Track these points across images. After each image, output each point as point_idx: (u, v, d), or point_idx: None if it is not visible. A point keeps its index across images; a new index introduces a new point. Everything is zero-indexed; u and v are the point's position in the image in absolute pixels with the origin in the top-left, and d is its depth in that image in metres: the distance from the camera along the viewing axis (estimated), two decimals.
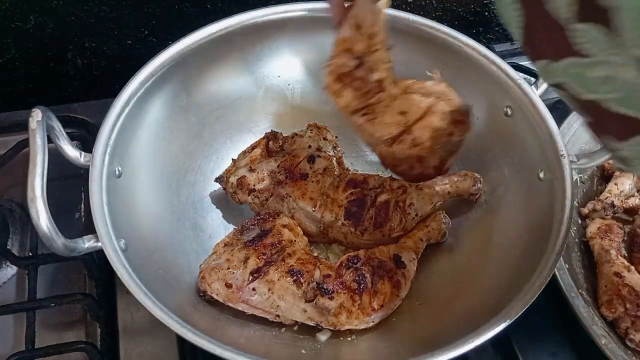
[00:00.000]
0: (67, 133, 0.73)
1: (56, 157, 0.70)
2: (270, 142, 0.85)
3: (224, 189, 0.84)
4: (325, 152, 0.84)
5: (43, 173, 0.63)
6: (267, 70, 0.93)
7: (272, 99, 0.95)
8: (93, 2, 0.97)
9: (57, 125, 0.71)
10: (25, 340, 0.76)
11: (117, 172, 0.75)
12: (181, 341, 0.77)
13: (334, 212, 0.79)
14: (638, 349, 0.76)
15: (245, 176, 0.82)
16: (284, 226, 0.77)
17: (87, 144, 0.93)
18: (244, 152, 0.85)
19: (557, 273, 0.76)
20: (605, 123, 0.47)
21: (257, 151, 0.85)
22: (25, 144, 0.87)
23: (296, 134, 0.86)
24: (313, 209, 0.79)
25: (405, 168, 0.78)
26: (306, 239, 0.80)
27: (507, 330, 0.64)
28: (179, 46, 0.83)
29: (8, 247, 0.86)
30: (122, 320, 0.79)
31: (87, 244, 0.67)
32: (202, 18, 0.88)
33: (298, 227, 0.79)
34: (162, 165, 0.84)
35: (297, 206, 0.80)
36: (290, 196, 0.80)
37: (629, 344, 0.77)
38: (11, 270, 0.86)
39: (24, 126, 0.69)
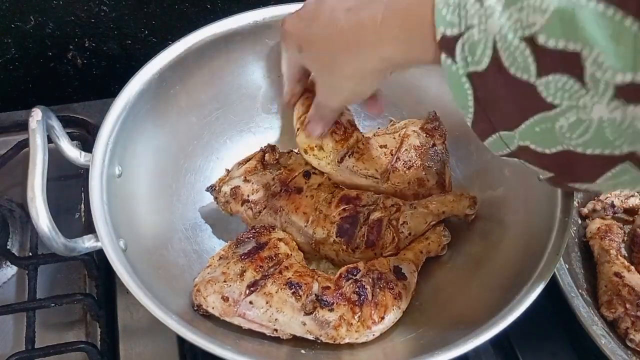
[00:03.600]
0: (67, 133, 0.73)
1: (56, 157, 0.70)
2: (267, 155, 0.83)
3: (215, 198, 0.82)
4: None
5: (43, 173, 0.63)
6: (268, 70, 0.93)
7: (273, 98, 0.94)
8: (93, 2, 0.97)
9: (57, 125, 0.70)
10: (25, 340, 0.76)
11: (117, 172, 0.75)
12: (181, 341, 0.77)
13: (326, 229, 0.78)
14: (638, 349, 0.76)
15: (239, 186, 0.81)
16: (280, 240, 0.76)
17: (87, 144, 0.94)
18: (239, 163, 0.84)
19: (557, 273, 0.76)
20: (573, 170, 0.50)
21: (253, 163, 0.83)
22: (25, 144, 0.87)
23: (292, 151, 0.86)
24: (305, 224, 0.78)
25: (412, 197, 0.83)
26: (302, 253, 0.79)
27: (507, 330, 0.64)
28: (179, 46, 0.83)
29: (8, 247, 0.87)
30: (122, 320, 0.79)
31: (87, 244, 0.67)
32: (202, 18, 0.88)
33: (293, 242, 0.78)
34: (162, 165, 0.84)
35: (289, 220, 0.79)
36: (284, 209, 0.79)
37: (629, 344, 0.77)
38: (11, 270, 0.86)
39: (24, 126, 0.69)
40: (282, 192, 0.80)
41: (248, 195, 0.80)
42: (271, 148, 0.85)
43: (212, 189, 0.83)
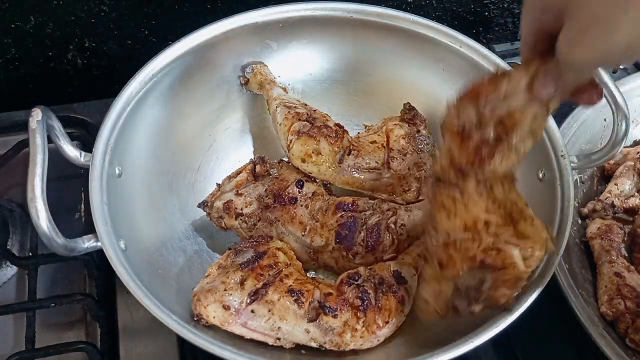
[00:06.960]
0: (67, 133, 0.73)
1: (56, 157, 0.70)
2: (257, 166, 0.83)
3: (208, 214, 0.82)
4: (313, 177, 0.83)
5: (43, 173, 0.63)
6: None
7: None
8: (93, 2, 0.97)
9: (57, 125, 0.71)
10: (25, 340, 0.76)
11: (117, 172, 0.75)
12: (181, 341, 0.77)
13: (324, 237, 0.78)
14: (638, 349, 0.76)
15: (232, 200, 0.80)
16: (278, 249, 0.76)
17: (87, 144, 0.93)
18: (229, 177, 0.84)
19: (557, 273, 0.75)
20: None
21: (243, 175, 0.83)
22: (25, 144, 0.87)
23: (283, 160, 0.86)
24: (303, 234, 0.78)
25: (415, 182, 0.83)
26: (300, 263, 0.79)
27: (507, 330, 0.64)
28: (179, 46, 0.83)
29: (8, 247, 0.87)
30: (122, 320, 0.79)
31: (87, 244, 0.67)
32: (202, 18, 0.88)
33: (291, 251, 0.78)
34: (162, 165, 0.84)
35: (286, 230, 0.79)
36: (279, 220, 0.79)
37: (629, 344, 0.77)
38: (11, 270, 0.86)
39: (24, 126, 0.69)
40: (276, 203, 0.79)
41: (242, 209, 0.80)
42: (261, 159, 0.84)
43: (204, 205, 0.82)
